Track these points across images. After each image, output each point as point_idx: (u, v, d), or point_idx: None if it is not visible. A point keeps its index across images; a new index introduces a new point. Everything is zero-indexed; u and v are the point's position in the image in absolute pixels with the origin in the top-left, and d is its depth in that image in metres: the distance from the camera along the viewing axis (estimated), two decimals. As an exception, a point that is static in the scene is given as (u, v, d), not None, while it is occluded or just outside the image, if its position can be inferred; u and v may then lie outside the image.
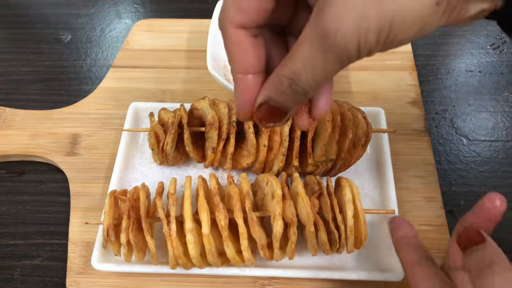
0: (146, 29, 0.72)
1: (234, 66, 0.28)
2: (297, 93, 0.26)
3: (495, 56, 0.67)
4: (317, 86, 0.25)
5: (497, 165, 0.55)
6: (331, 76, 0.25)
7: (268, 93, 0.27)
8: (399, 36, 0.23)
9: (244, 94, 0.28)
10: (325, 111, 0.29)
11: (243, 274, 0.43)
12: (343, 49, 0.23)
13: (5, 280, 0.48)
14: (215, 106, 0.48)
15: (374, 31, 0.22)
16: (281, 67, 0.26)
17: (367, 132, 0.46)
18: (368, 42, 0.23)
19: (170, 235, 0.40)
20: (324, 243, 0.40)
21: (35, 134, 0.58)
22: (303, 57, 0.24)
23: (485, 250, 0.32)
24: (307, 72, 0.24)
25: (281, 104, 0.27)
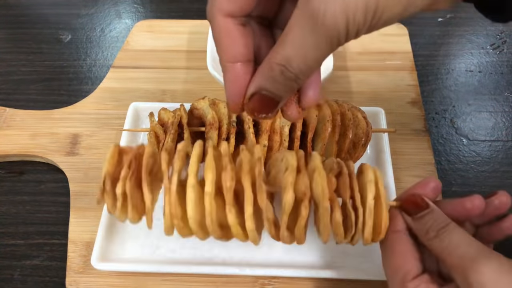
0: (146, 29, 0.72)
1: (222, 55, 0.28)
2: (289, 79, 0.26)
3: (495, 56, 0.67)
4: (308, 71, 0.26)
5: (497, 165, 0.55)
6: (322, 59, 0.25)
7: (259, 82, 0.27)
8: (384, 15, 0.23)
9: (233, 84, 0.28)
10: (314, 100, 0.29)
11: (243, 273, 0.43)
12: (332, 29, 0.23)
13: (5, 280, 0.48)
14: (215, 106, 0.48)
15: (361, 10, 0.23)
16: (271, 54, 0.26)
17: (367, 132, 0.46)
18: (356, 22, 0.23)
19: (169, 188, 0.36)
20: (338, 225, 0.35)
21: (35, 134, 0.58)
22: (293, 42, 0.24)
23: (434, 214, 0.33)
24: (298, 57, 0.24)
25: (273, 93, 0.27)
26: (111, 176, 0.38)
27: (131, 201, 0.38)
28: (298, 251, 0.46)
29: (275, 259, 0.46)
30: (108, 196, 0.38)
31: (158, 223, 0.49)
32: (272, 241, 0.46)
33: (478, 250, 0.30)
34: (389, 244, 0.36)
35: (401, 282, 0.33)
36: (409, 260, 0.34)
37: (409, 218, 0.35)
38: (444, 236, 0.32)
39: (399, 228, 0.35)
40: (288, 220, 0.36)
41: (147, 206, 0.37)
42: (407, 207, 0.35)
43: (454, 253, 0.31)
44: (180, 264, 0.45)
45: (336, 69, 0.59)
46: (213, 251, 0.46)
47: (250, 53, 0.28)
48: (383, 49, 0.67)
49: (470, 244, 0.31)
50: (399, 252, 0.35)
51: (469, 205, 0.34)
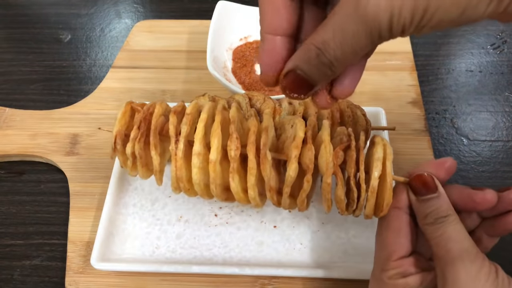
0: (146, 29, 0.72)
1: (263, 25, 0.27)
2: (323, 64, 0.25)
3: (496, 56, 0.67)
4: (344, 60, 0.24)
5: (497, 165, 0.55)
6: (360, 51, 0.24)
7: (296, 60, 0.26)
8: (436, 16, 0.21)
9: (269, 55, 0.27)
10: (347, 92, 0.28)
11: (243, 273, 0.43)
12: (373, 20, 0.21)
13: (5, 280, 0.48)
14: (215, 103, 0.48)
15: (408, 7, 0.21)
16: (312, 35, 0.25)
17: (366, 129, 0.46)
18: (401, 19, 0.21)
19: (175, 154, 0.37)
20: (340, 200, 0.36)
21: (35, 134, 0.58)
22: (334, 26, 0.23)
23: (439, 200, 0.33)
24: (335, 42, 0.23)
25: (308, 75, 0.26)
26: (122, 135, 0.40)
27: (141, 161, 0.39)
28: (298, 251, 0.46)
29: (275, 259, 0.46)
30: (120, 154, 0.40)
31: (158, 222, 0.49)
32: (272, 241, 0.47)
33: (466, 250, 0.30)
34: (387, 219, 0.35)
35: (386, 259, 0.33)
36: (400, 239, 0.34)
37: (413, 197, 0.34)
38: (440, 226, 0.31)
39: (401, 206, 0.34)
40: (292, 187, 0.36)
41: (154, 168, 0.38)
42: (416, 185, 0.33)
43: (442, 245, 0.31)
44: (179, 264, 0.45)
45: (336, 69, 0.59)
46: (213, 251, 0.46)
47: (291, 29, 0.27)
48: (383, 49, 0.66)
49: (461, 242, 0.31)
50: (393, 228, 0.34)
51: (479, 198, 0.32)
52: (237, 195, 0.37)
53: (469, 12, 0.21)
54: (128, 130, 0.40)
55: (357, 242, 0.46)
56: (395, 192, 0.35)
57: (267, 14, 0.26)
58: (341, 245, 0.46)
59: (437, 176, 0.34)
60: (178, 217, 0.49)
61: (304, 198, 0.36)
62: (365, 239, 0.46)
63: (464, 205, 0.33)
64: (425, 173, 0.34)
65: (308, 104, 0.46)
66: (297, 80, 0.26)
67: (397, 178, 0.35)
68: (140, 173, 0.40)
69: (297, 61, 0.26)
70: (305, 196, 0.36)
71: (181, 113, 0.39)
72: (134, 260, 0.46)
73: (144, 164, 0.40)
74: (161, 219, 0.49)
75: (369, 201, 0.35)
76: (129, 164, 0.40)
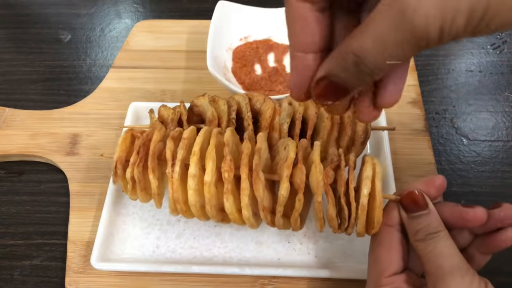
0: (146, 29, 0.72)
1: (293, 43, 0.25)
2: (363, 72, 0.23)
3: (496, 56, 0.67)
4: (386, 68, 0.23)
5: (497, 165, 0.55)
6: (404, 60, 0.22)
7: (330, 68, 0.24)
8: (495, 20, 0.19)
9: (300, 74, 0.25)
10: (393, 100, 0.26)
11: (243, 273, 0.43)
12: (421, 30, 0.20)
13: (5, 280, 0.48)
14: (215, 103, 0.48)
15: (464, 13, 0.19)
16: (348, 41, 0.23)
17: (366, 129, 0.46)
18: (454, 26, 0.19)
19: (172, 177, 0.38)
20: (331, 219, 0.37)
21: (35, 134, 0.58)
22: (373, 33, 0.21)
23: (429, 217, 0.33)
24: (376, 51, 0.21)
25: (344, 81, 0.24)
26: (123, 160, 0.41)
27: (140, 185, 0.40)
28: (298, 251, 0.46)
29: (275, 259, 0.46)
30: (120, 179, 0.41)
31: (157, 222, 0.49)
32: (272, 241, 0.47)
33: (456, 265, 0.31)
34: (378, 236, 0.36)
35: (378, 275, 0.34)
36: (392, 256, 0.34)
37: (404, 214, 0.34)
38: (430, 242, 0.32)
39: (392, 223, 0.35)
40: (285, 207, 0.37)
41: (153, 191, 0.40)
42: (406, 203, 0.34)
43: (433, 261, 0.31)
44: (179, 264, 0.45)
45: (336, 69, 0.59)
46: (213, 251, 0.46)
47: (323, 44, 0.25)
48: (383, 49, 0.66)
49: (451, 258, 0.31)
50: (385, 245, 0.35)
51: (470, 216, 0.32)
52: (231, 215, 0.38)
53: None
54: (128, 156, 0.42)
55: (357, 243, 0.46)
56: (387, 210, 0.36)
57: (295, 31, 0.24)
58: (341, 245, 0.46)
59: (428, 193, 0.34)
60: (178, 217, 0.49)
61: (297, 217, 0.37)
62: (365, 240, 0.46)
63: (455, 222, 0.33)
64: (415, 190, 0.34)
65: (308, 104, 0.46)
66: (331, 86, 0.25)
67: (388, 196, 0.36)
68: (139, 197, 0.42)
69: (331, 67, 0.24)
70: (297, 215, 0.37)
71: (178, 138, 0.41)
72: (134, 260, 0.46)
73: (143, 188, 0.41)
74: (161, 219, 0.49)
75: (360, 219, 0.36)
76: (129, 188, 0.41)
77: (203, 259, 0.46)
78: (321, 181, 0.36)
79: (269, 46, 0.65)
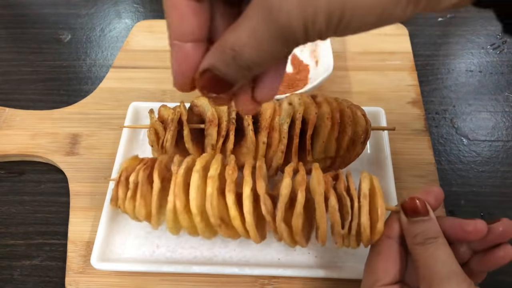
0: (146, 30, 0.72)
1: (170, 32, 0.25)
2: (241, 67, 0.24)
3: (496, 56, 0.67)
4: (262, 63, 0.23)
5: (497, 165, 0.55)
6: (277, 56, 0.23)
7: (212, 61, 0.24)
8: (353, 23, 0.21)
9: (181, 63, 0.26)
10: (269, 96, 0.27)
11: (243, 273, 0.43)
12: (286, 27, 0.21)
13: (5, 280, 0.48)
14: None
15: (323, 14, 0.20)
16: (225, 36, 0.23)
17: (366, 129, 0.46)
18: (317, 25, 0.21)
19: (176, 172, 0.39)
20: (334, 210, 0.37)
21: (35, 134, 0.58)
22: (248, 29, 0.22)
23: (429, 222, 0.34)
24: (251, 46, 0.22)
25: (225, 75, 0.24)
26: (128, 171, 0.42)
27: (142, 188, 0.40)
28: (298, 251, 0.46)
29: (275, 259, 0.46)
30: (122, 186, 0.42)
31: (158, 223, 0.49)
32: (272, 241, 0.47)
33: (453, 272, 0.31)
34: (378, 247, 0.36)
35: (372, 283, 0.34)
36: (389, 267, 0.34)
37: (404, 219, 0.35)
38: (429, 246, 0.32)
39: (392, 235, 0.35)
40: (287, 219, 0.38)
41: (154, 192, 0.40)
42: (408, 206, 0.35)
43: (430, 266, 0.31)
44: (179, 263, 0.45)
45: (336, 69, 0.59)
46: (213, 250, 0.46)
47: (202, 33, 0.25)
48: (383, 49, 0.66)
49: (448, 264, 0.31)
50: (383, 256, 0.35)
51: (470, 228, 0.33)
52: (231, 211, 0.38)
53: (386, 17, 0.21)
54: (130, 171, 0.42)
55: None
56: (388, 221, 0.36)
57: (172, 20, 0.25)
58: (341, 245, 0.46)
59: (427, 202, 0.35)
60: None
61: (301, 211, 0.37)
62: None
63: (455, 235, 0.34)
64: (418, 198, 0.35)
65: (308, 104, 0.46)
66: (214, 79, 0.25)
67: (390, 207, 0.37)
68: (136, 208, 0.41)
69: (212, 61, 0.25)
70: (300, 208, 0.37)
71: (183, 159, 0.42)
72: (134, 260, 0.46)
73: (143, 194, 0.41)
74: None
75: (363, 207, 0.36)
76: (128, 196, 0.41)
77: (203, 259, 0.46)
78: (322, 180, 0.37)
79: (269, 46, 0.65)
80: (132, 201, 0.41)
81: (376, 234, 0.36)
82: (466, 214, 0.50)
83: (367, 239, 0.36)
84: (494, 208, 0.51)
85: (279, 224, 0.37)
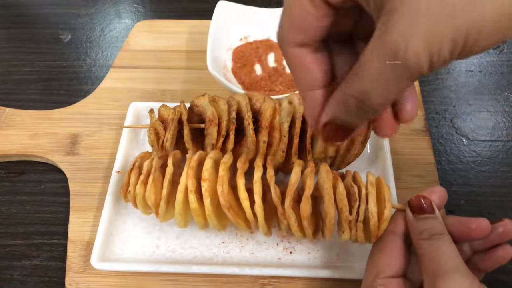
0: (146, 30, 0.72)
1: (299, 84, 0.27)
2: (366, 112, 0.25)
3: (496, 56, 0.67)
4: (388, 103, 0.24)
5: (497, 165, 0.55)
6: (402, 92, 0.24)
7: (333, 112, 0.26)
8: (476, 47, 0.21)
9: (313, 109, 0.27)
10: (413, 114, 0.28)
11: (243, 273, 0.43)
12: (414, 67, 0.21)
13: (5, 280, 0.48)
14: (215, 103, 0.48)
15: (447, 46, 0.21)
16: (346, 86, 0.24)
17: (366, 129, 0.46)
18: (442, 57, 0.21)
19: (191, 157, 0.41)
20: (342, 196, 0.38)
21: (35, 134, 0.58)
22: (370, 75, 0.23)
23: (435, 220, 0.34)
24: (377, 91, 0.23)
25: (348, 122, 0.26)
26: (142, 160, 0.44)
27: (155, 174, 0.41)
28: (298, 251, 0.46)
29: (275, 259, 0.46)
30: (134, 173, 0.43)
31: (158, 222, 0.49)
32: (272, 241, 0.47)
33: (458, 266, 0.31)
34: (382, 241, 0.36)
35: (374, 276, 0.34)
36: (392, 261, 0.35)
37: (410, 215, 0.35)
38: (435, 242, 0.33)
39: (397, 231, 0.36)
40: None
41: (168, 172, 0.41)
42: (415, 204, 0.35)
43: (436, 260, 0.32)
44: (179, 264, 0.45)
45: (336, 69, 0.59)
46: (213, 250, 0.46)
47: (326, 78, 0.27)
48: (383, 49, 0.66)
49: (454, 259, 0.32)
50: (387, 250, 0.35)
51: (474, 226, 0.34)
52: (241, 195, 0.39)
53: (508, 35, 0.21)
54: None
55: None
56: (393, 217, 0.37)
57: (298, 74, 0.27)
58: (341, 245, 0.46)
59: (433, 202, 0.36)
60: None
61: (309, 196, 0.38)
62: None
63: (459, 233, 0.34)
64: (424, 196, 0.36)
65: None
66: (336, 129, 0.27)
67: (395, 205, 0.38)
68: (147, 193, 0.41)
69: (333, 112, 0.26)
70: (309, 192, 0.38)
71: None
72: (134, 260, 0.46)
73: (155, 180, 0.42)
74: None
75: (370, 193, 0.37)
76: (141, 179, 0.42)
77: (203, 259, 0.46)
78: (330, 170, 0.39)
79: (269, 46, 0.65)
80: (143, 185, 0.42)
81: (383, 222, 0.37)
82: (466, 214, 0.50)
83: (375, 226, 0.37)
84: (494, 208, 0.51)
85: (287, 208, 0.38)
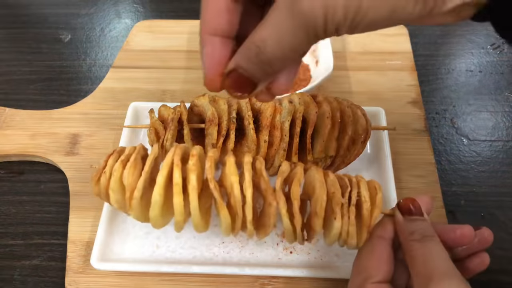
0: (146, 29, 0.72)
1: (203, 26, 0.27)
2: (263, 62, 0.25)
3: (496, 56, 0.67)
4: (283, 57, 0.25)
5: (497, 165, 0.55)
6: (298, 49, 0.25)
7: (237, 60, 0.26)
8: (368, 16, 0.23)
9: (210, 57, 0.27)
10: (284, 89, 0.29)
11: (243, 273, 0.43)
12: (309, 16, 0.23)
13: (5, 280, 0.48)
14: (215, 103, 0.48)
15: (341, 6, 0.22)
16: (252, 34, 0.25)
17: (366, 129, 0.46)
18: (336, 17, 0.22)
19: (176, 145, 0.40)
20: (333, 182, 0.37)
21: (35, 134, 0.58)
22: (271, 24, 0.24)
23: (426, 222, 0.34)
24: (273, 40, 0.24)
25: (249, 73, 0.26)
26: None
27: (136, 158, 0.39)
28: (298, 251, 0.46)
29: (275, 259, 0.46)
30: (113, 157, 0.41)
31: (158, 223, 0.48)
32: (272, 241, 0.47)
33: (450, 268, 0.31)
34: (370, 246, 0.36)
35: (363, 281, 0.34)
36: (381, 265, 0.34)
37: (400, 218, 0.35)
38: (427, 243, 0.32)
39: (386, 236, 0.36)
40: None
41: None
42: (405, 205, 0.35)
43: (429, 262, 0.31)
44: (179, 264, 0.45)
45: (336, 69, 0.59)
46: (213, 250, 0.46)
47: (232, 30, 0.27)
48: (383, 49, 0.66)
49: (446, 260, 0.32)
50: (376, 254, 0.35)
51: (458, 232, 0.34)
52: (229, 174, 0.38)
53: (399, 11, 0.23)
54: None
55: (357, 242, 0.46)
56: (382, 222, 0.37)
57: (207, 14, 0.27)
58: (341, 245, 0.46)
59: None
60: (178, 217, 0.49)
61: (299, 179, 0.37)
62: (365, 239, 0.46)
63: (444, 240, 0.34)
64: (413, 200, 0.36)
65: (308, 104, 0.46)
66: (240, 79, 0.27)
67: (385, 210, 0.37)
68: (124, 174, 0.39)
69: (238, 60, 0.26)
70: (300, 175, 0.37)
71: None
72: (134, 260, 0.46)
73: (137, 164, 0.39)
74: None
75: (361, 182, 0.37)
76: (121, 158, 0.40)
77: (203, 259, 0.46)
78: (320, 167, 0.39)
79: (269, 46, 0.65)
80: (122, 164, 0.39)
81: (376, 207, 0.37)
82: (466, 214, 0.50)
83: (368, 211, 0.36)
84: (494, 208, 0.51)
85: (278, 190, 0.37)
